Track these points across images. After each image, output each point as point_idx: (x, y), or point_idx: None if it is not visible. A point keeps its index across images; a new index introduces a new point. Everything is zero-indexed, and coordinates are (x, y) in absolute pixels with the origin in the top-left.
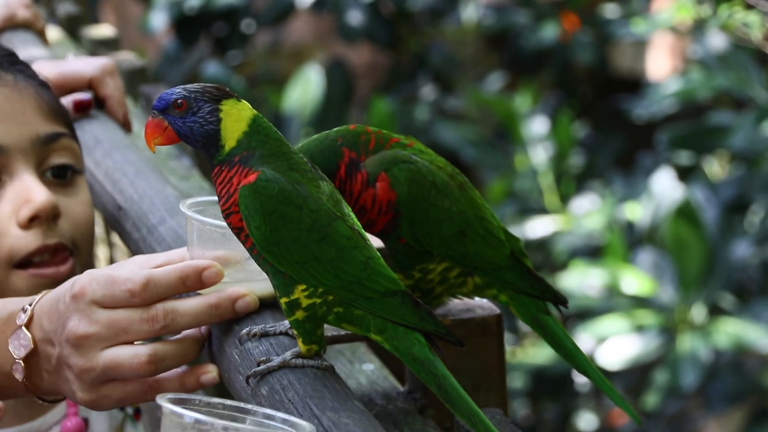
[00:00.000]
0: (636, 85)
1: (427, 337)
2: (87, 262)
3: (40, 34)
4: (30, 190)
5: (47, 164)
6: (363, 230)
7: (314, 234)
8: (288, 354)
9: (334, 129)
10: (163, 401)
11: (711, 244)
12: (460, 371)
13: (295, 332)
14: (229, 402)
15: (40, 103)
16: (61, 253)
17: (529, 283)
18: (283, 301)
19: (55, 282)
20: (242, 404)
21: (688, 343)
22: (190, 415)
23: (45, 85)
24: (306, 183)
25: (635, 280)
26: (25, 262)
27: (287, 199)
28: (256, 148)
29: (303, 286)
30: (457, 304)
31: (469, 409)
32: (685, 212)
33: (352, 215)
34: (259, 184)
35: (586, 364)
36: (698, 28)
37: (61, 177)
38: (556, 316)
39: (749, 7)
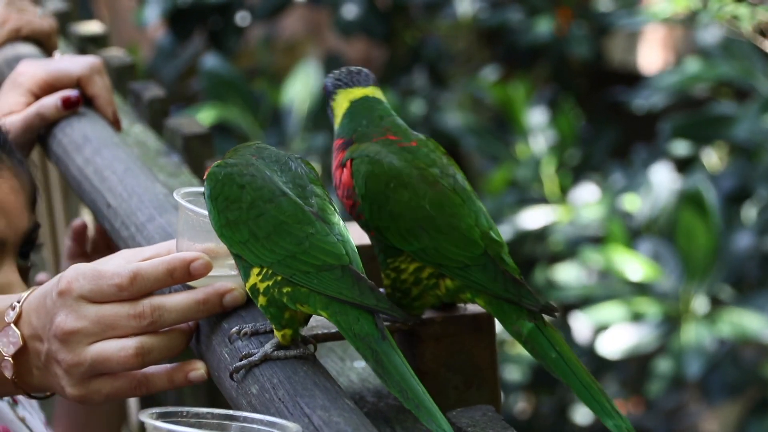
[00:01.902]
0: (628, 78)
1: (376, 316)
2: None
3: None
4: (11, 288)
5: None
6: (329, 212)
7: (252, 211)
8: (268, 346)
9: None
10: (146, 417)
11: (717, 234)
12: (452, 368)
13: (268, 319)
14: (217, 411)
15: (29, 192)
16: None
17: (502, 287)
18: (247, 288)
19: None
20: (231, 412)
21: (692, 332)
22: (173, 429)
23: (29, 169)
24: (265, 167)
25: (639, 266)
26: None
27: (231, 180)
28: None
29: (257, 270)
30: None
31: (406, 384)
32: (695, 200)
33: (323, 200)
34: (212, 170)
35: (569, 376)
36: (689, 20)
37: (26, 258)
38: (542, 323)
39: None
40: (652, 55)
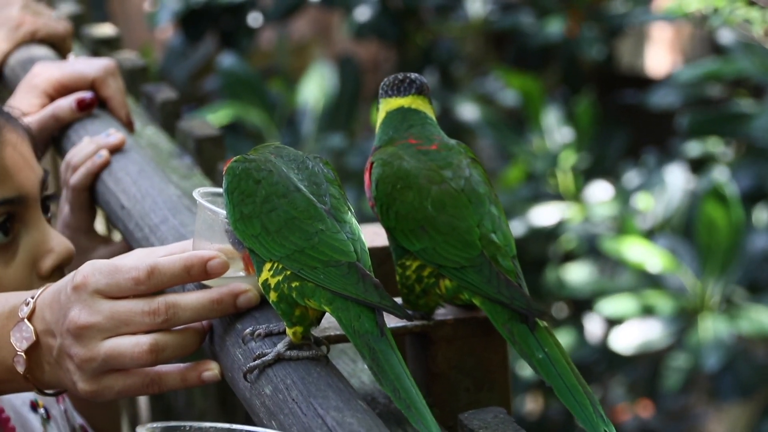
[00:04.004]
0: (636, 80)
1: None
2: None
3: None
4: (49, 239)
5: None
6: (342, 210)
7: (266, 206)
8: (281, 346)
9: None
10: None
11: (739, 229)
12: (463, 370)
13: (279, 315)
14: (220, 425)
15: (32, 142)
16: None
17: (496, 289)
18: (260, 283)
19: None
20: (234, 426)
21: (710, 325)
22: None
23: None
24: (283, 165)
25: (657, 259)
26: None
27: (248, 175)
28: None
29: (269, 265)
30: None
31: (399, 383)
32: (720, 195)
33: (338, 199)
34: (231, 165)
35: (554, 377)
36: (700, 23)
37: (47, 211)
38: (533, 325)
39: (751, 3)
40: (659, 58)
